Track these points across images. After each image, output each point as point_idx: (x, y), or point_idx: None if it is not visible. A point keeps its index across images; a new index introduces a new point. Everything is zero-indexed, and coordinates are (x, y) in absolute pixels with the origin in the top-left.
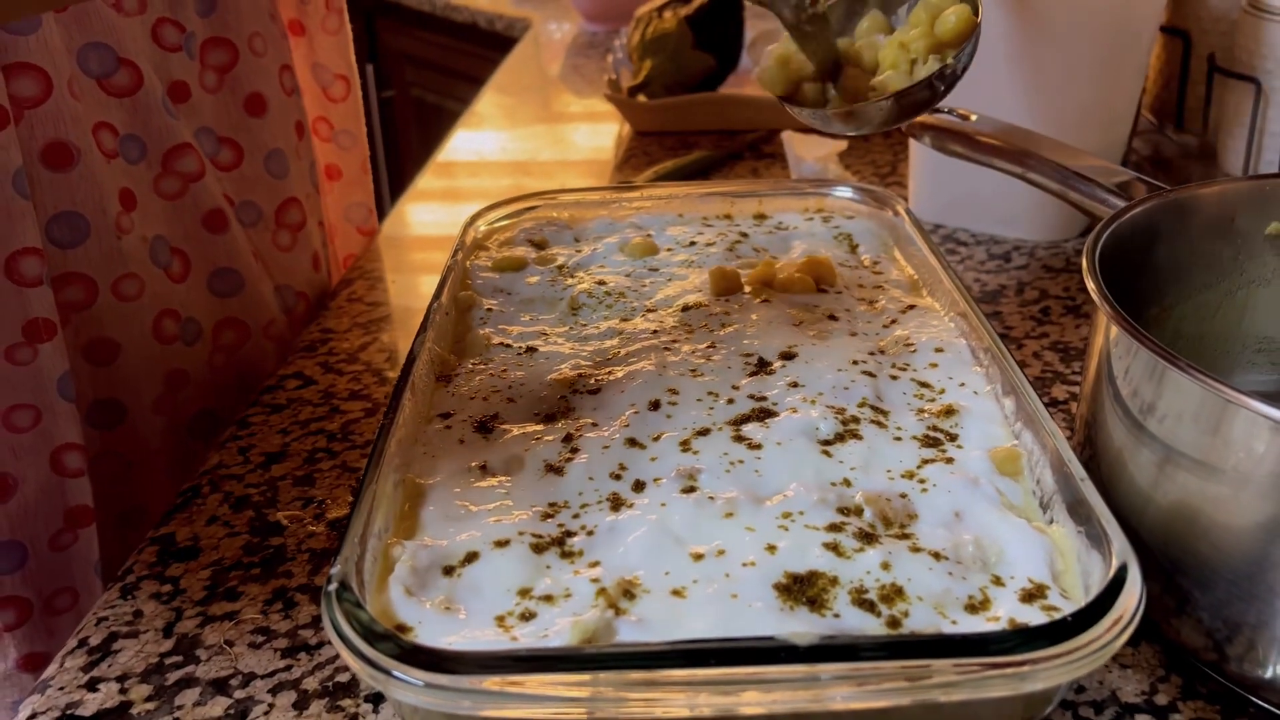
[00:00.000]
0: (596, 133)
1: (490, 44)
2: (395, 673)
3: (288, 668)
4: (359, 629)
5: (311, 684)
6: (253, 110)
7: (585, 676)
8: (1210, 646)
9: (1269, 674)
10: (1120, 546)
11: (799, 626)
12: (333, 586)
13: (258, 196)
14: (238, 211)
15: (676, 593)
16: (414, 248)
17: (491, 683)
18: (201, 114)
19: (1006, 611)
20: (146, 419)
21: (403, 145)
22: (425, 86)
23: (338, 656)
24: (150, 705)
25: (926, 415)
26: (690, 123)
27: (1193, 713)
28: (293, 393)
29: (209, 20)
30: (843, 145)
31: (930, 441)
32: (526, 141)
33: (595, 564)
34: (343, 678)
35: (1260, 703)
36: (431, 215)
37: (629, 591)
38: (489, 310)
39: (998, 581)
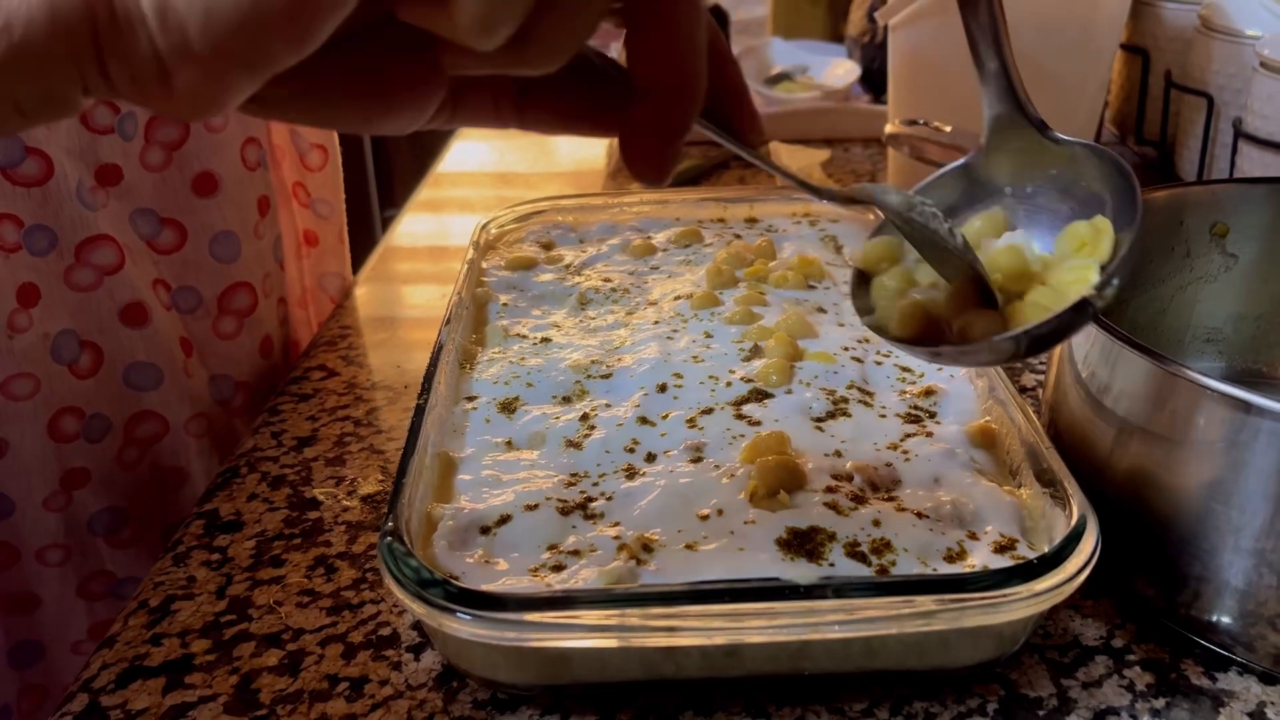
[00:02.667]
0: (585, 144)
1: None
2: (458, 611)
3: (333, 624)
4: (413, 575)
5: (357, 637)
6: (201, 190)
7: (615, 612)
8: (1161, 596)
9: (1213, 618)
10: (1080, 502)
11: (799, 573)
12: (388, 539)
13: (199, 282)
14: (175, 297)
15: (689, 546)
16: (418, 257)
17: (534, 616)
18: (139, 195)
19: (981, 560)
20: (37, 515)
21: (392, 154)
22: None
23: (379, 613)
24: (210, 657)
25: (908, 395)
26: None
27: (1145, 654)
28: (318, 383)
29: None
30: (825, 155)
31: (912, 418)
32: (521, 153)
33: (616, 524)
34: (385, 631)
35: (1205, 644)
36: (429, 226)
37: (647, 546)
38: (504, 305)
39: (973, 536)
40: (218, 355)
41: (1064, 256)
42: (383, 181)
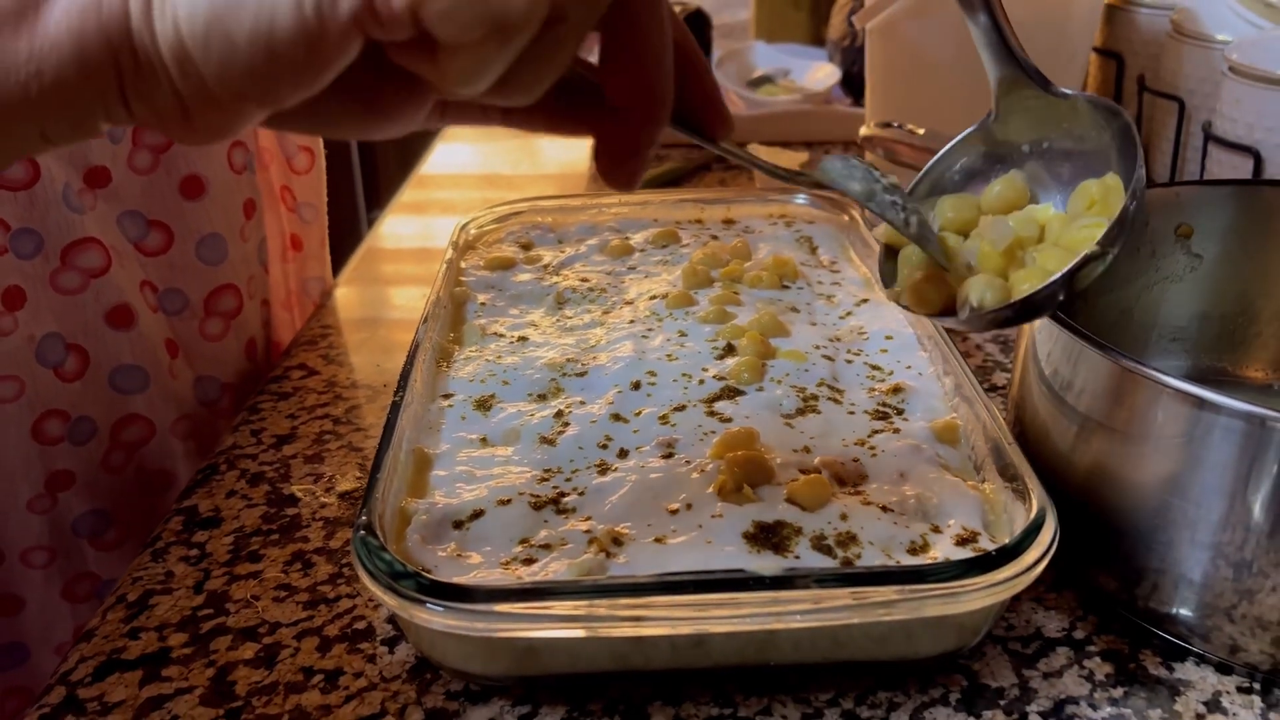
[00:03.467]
0: (569, 146)
1: None
2: (429, 603)
3: (309, 617)
4: (386, 568)
5: (332, 630)
6: (189, 193)
7: (583, 602)
8: (1121, 588)
9: (1171, 609)
10: (1040, 496)
11: (765, 565)
12: (361, 533)
13: (186, 284)
14: (161, 299)
15: (659, 540)
16: (400, 259)
17: (503, 607)
18: (128, 197)
19: (943, 553)
20: (20, 518)
21: (378, 157)
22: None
23: (354, 607)
24: (187, 650)
25: (877, 393)
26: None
27: (1106, 645)
28: (298, 382)
29: None
30: (804, 157)
31: (880, 415)
32: (504, 155)
33: (587, 518)
34: (360, 625)
35: (1163, 634)
36: (413, 228)
37: (617, 539)
38: (482, 304)
39: (936, 529)
40: (204, 357)
41: (1076, 215)
42: (369, 182)
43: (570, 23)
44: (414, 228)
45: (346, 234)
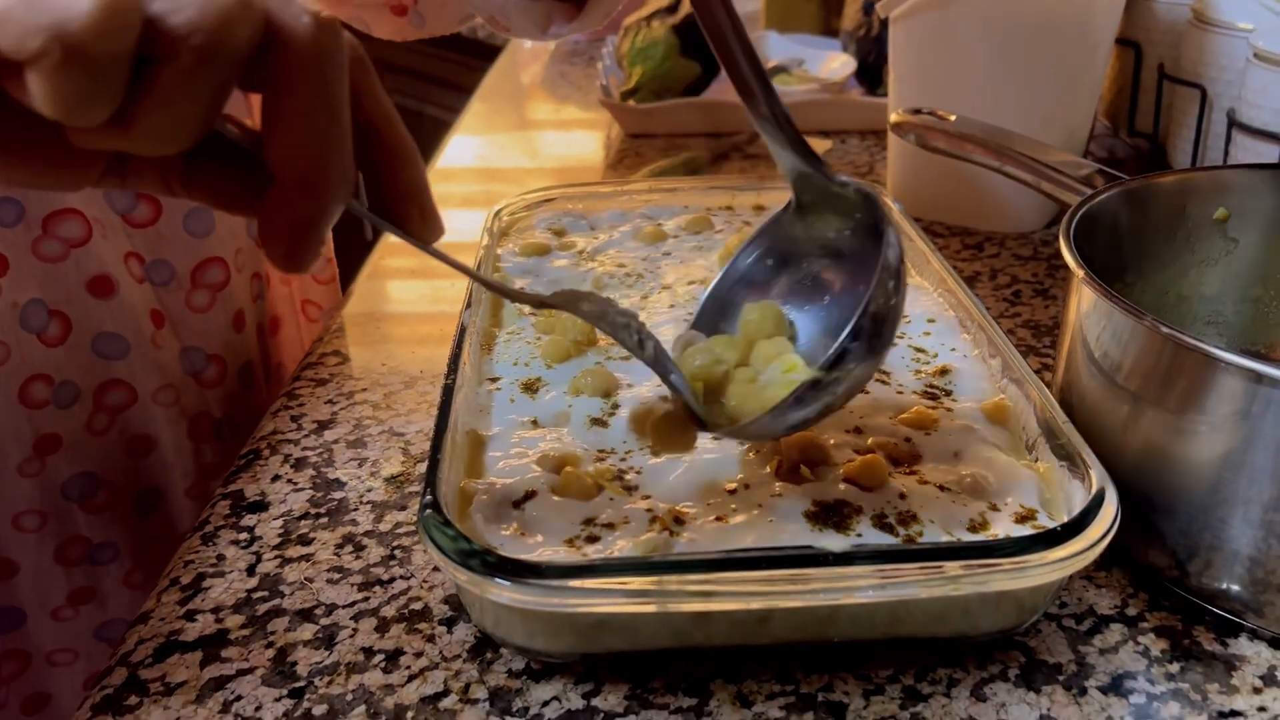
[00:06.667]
0: (582, 138)
1: (471, 51)
2: (503, 580)
3: (365, 599)
4: (457, 545)
5: (389, 611)
6: None
7: (654, 578)
8: (1173, 565)
9: (1223, 585)
10: (1099, 473)
11: (830, 542)
12: (427, 512)
13: (173, 255)
14: (148, 270)
15: (719, 519)
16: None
17: (577, 583)
18: None
19: (1003, 530)
20: (12, 481)
21: None
22: (405, 92)
23: (410, 588)
24: (245, 632)
25: (924, 375)
26: (680, 125)
27: (1159, 621)
28: (334, 368)
29: None
30: (827, 145)
31: (929, 396)
32: (519, 146)
33: (647, 496)
34: (416, 606)
35: (1216, 610)
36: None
37: (679, 518)
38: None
39: (994, 508)
40: (190, 328)
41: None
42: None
43: (182, 64)
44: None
45: (351, 230)
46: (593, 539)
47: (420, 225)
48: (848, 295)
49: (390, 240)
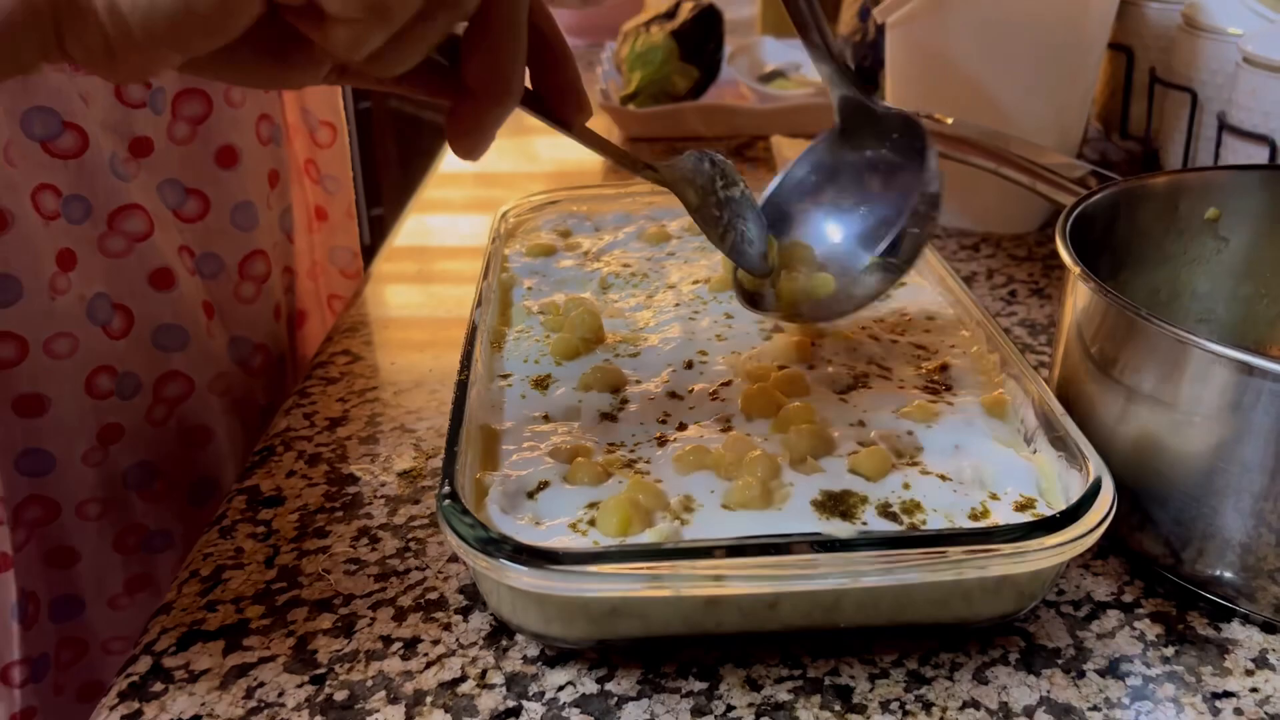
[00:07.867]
0: (570, 146)
1: None
2: (518, 565)
3: (382, 589)
4: (476, 533)
5: (406, 601)
6: (224, 162)
7: (667, 564)
8: (1167, 553)
9: (1215, 572)
10: (1096, 463)
11: (836, 530)
12: (446, 501)
13: (221, 248)
14: (198, 263)
15: (727, 507)
16: (429, 256)
17: (594, 569)
18: (167, 166)
19: (1003, 518)
20: (76, 470)
21: (379, 156)
22: (403, 98)
23: (425, 579)
24: (265, 621)
25: (924, 371)
26: (679, 129)
27: (1154, 607)
28: (344, 367)
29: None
30: None
31: (929, 390)
32: (520, 151)
33: (658, 481)
34: (432, 595)
35: (1209, 596)
36: (438, 224)
37: (688, 506)
38: (528, 288)
39: (994, 497)
40: (237, 318)
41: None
42: (369, 180)
43: (438, 21)
44: (436, 224)
45: None
46: (594, 522)
47: (577, 113)
48: (890, 200)
49: (391, 243)
